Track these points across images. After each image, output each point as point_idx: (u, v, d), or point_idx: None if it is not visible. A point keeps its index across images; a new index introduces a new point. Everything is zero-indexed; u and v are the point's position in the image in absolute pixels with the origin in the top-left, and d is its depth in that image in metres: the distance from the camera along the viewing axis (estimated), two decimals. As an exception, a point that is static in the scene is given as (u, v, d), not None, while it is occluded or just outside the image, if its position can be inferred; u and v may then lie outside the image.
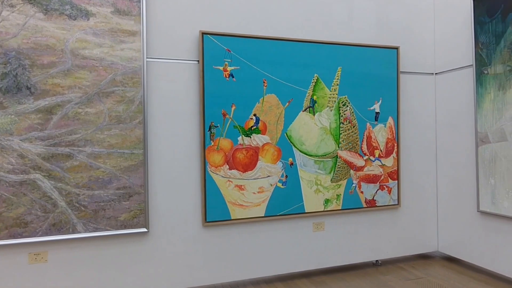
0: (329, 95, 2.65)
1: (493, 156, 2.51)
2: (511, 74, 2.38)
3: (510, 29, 2.37)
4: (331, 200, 2.67)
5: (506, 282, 2.51)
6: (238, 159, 2.45)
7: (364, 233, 2.80)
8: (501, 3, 2.42)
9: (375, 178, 2.78)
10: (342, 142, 2.69)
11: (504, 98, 2.42)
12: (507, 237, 2.47)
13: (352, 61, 2.70)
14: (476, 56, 2.60)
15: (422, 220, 2.99)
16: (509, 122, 2.40)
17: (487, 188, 2.56)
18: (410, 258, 3.03)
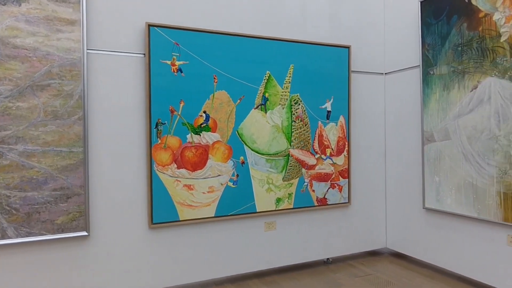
0: (281, 93, 2.62)
1: (438, 155, 2.58)
2: (454, 75, 2.45)
3: (454, 31, 2.45)
4: (283, 199, 2.64)
5: (449, 276, 2.60)
6: (187, 158, 2.36)
7: (316, 232, 2.80)
8: (446, 5, 2.49)
9: (327, 176, 2.79)
10: (294, 141, 2.66)
11: (448, 98, 2.50)
12: (450, 232, 2.56)
13: (305, 59, 2.69)
14: (423, 57, 2.67)
15: (371, 218, 3.05)
16: (453, 121, 2.48)
17: (432, 185, 2.64)
18: (359, 255, 3.08)
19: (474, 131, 2.34)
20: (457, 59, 2.43)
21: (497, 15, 2.19)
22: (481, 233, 2.35)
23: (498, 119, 2.20)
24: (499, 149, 2.20)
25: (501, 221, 2.21)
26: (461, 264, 2.49)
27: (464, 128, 2.40)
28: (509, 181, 2.15)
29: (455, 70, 2.44)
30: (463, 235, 2.47)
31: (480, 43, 2.28)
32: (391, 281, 2.53)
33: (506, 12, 2.14)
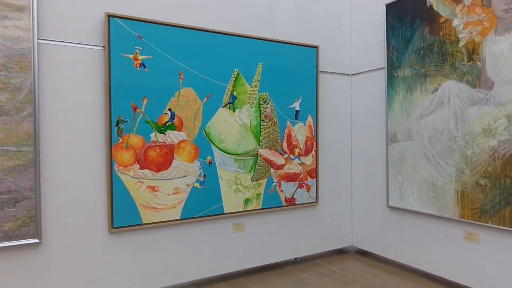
0: (249, 91, 2.56)
1: (401, 155, 2.66)
2: (417, 77, 2.54)
3: (417, 35, 2.53)
4: (251, 200, 2.59)
5: (411, 272, 2.69)
6: (151, 158, 2.23)
7: (284, 232, 2.78)
8: (409, 9, 2.57)
9: (295, 176, 2.78)
10: (262, 140, 2.62)
11: (411, 100, 2.58)
12: (411, 230, 2.65)
13: (273, 57, 2.65)
14: (388, 59, 2.73)
15: (338, 217, 3.08)
16: (415, 122, 2.56)
17: (395, 184, 2.71)
18: (327, 254, 3.11)
19: (435, 132, 2.43)
20: (420, 62, 2.51)
21: (456, 21, 2.29)
22: (440, 230, 2.45)
23: (456, 120, 2.30)
24: (457, 150, 2.30)
25: (458, 218, 2.31)
26: (422, 260, 2.58)
27: (425, 129, 2.49)
28: (466, 180, 2.26)
29: (418, 72, 2.53)
30: (424, 232, 2.56)
31: (441, 47, 2.38)
32: (357, 279, 2.56)
33: (464, 18, 2.25)
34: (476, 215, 2.22)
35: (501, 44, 2.07)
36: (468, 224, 2.29)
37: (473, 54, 2.20)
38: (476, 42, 2.19)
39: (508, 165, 2.06)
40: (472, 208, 2.24)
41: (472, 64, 2.21)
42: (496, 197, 2.12)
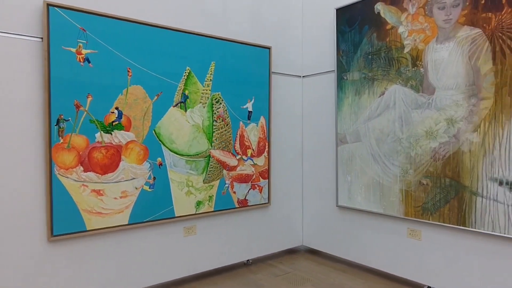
0: (202, 91, 2.50)
1: (350, 155, 2.75)
2: (365, 81, 2.63)
3: (365, 40, 2.62)
4: (203, 202, 2.53)
5: (360, 269, 2.79)
6: (96, 160, 2.09)
7: (236, 234, 2.75)
8: (358, 15, 2.66)
9: (247, 177, 2.76)
10: (215, 141, 2.57)
11: (360, 103, 2.68)
12: (360, 228, 2.75)
13: (226, 57, 2.61)
14: (338, 62, 2.81)
15: (289, 217, 3.12)
16: (363, 124, 2.66)
17: (344, 184, 2.80)
18: (279, 254, 3.13)
19: (381, 134, 2.54)
20: (368, 66, 2.61)
21: (402, 29, 2.41)
22: (386, 227, 2.57)
23: (401, 123, 2.42)
24: (402, 151, 2.43)
25: (402, 216, 2.44)
26: (370, 257, 2.69)
27: (373, 131, 2.59)
28: (410, 180, 2.39)
29: (366, 76, 2.63)
30: (371, 230, 2.67)
31: (387, 53, 2.49)
32: (308, 278, 2.61)
33: (409, 26, 2.37)
34: (419, 212, 2.35)
35: (441, 52, 2.21)
36: (411, 221, 2.42)
37: (417, 60, 2.33)
38: (419, 49, 2.32)
39: (447, 165, 2.21)
40: (415, 206, 2.37)
41: (415, 70, 2.34)
42: (436, 196, 2.26)
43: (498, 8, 1.97)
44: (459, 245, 2.19)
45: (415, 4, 2.33)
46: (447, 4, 2.17)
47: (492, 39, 2.00)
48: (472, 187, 2.10)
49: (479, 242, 2.11)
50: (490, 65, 2.01)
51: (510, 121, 1.94)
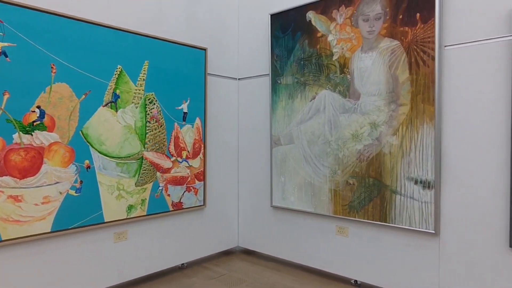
0: (134, 90, 2.41)
1: (284, 157, 2.85)
2: (298, 86, 2.74)
3: (298, 46, 2.74)
4: (135, 206, 2.43)
5: (293, 267, 2.89)
6: (13, 163, 1.91)
7: (171, 238, 2.69)
8: (291, 22, 2.77)
9: (182, 180, 2.72)
10: (148, 143, 2.49)
11: (293, 106, 2.78)
12: (293, 227, 2.85)
13: (161, 56, 2.55)
14: (272, 66, 2.89)
15: (225, 219, 3.13)
16: (296, 127, 2.76)
17: (278, 185, 2.89)
18: (214, 256, 3.12)
19: (313, 136, 2.67)
20: (300, 71, 2.72)
21: (331, 37, 2.56)
22: (317, 226, 2.70)
23: (330, 126, 2.57)
24: (331, 153, 2.57)
25: (331, 214, 2.58)
26: (302, 255, 2.80)
27: (305, 134, 2.71)
28: (338, 180, 2.54)
29: (298, 81, 2.74)
30: (304, 228, 2.78)
31: (318, 59, 2.62)
32: (243, 278, 2.64)
33: (337, 35, 2.52)
34: (346, 211, 2.51)
35: (366, 61, 2.39)
36: (339, 219, 2.57)
37: (344, 67, 2.49)
38: (346, 57, 2.48)
39: (371, 166, 2.38)
40: (343, 204, 2.52)
41: (343, 76, 2.49)
42: (362, 194, 2.43)
43: (413, 23, 2.18)
44: (381, 240, 2.38)
45: (342, 14, 2.49)
46: (371, 16, 2.35)
47: (409, 51, 2.20)
48: (392, 186, 2.29)
49: (398, 236, 2.31)
50: (407, 75, 2.21)
51: (423, 125, 2.16)
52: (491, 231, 1.98)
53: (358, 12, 2.41)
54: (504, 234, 1.94)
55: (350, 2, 2.44)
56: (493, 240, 1.97)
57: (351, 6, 2.44)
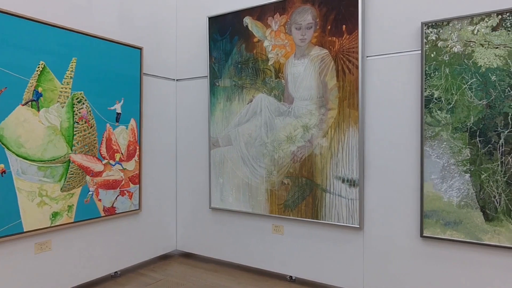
0: (60, 89, 2.25)
1: (222, 159, 2.86)
2: (235, 88, 2.79)
3: (235, 50, 2.78)
4: (61, 213, 2.27)
5: (232, 267, 2.91)
6: None
7: (103, 245, 2.56)
8: (229, 26, 2.80)
9: (115, 183, 2.60)
10: (76, 145, 2.34)
11: (231, 109, 2.81)
12: (231, 228, 2.88)
13: (91, 53, 2.42)
14: (210, 69, 2.90)
15: (162, 222, 3.06)
16: (234, 129, 2.80)
17: (217, 186, 2.90)
18: (151, 261, 3.03)
19: (250, 138, 2.72)
20: (238, 75, 2.77)
21: (267, 43, 2.64)
22: (255, 225, 2.76)
23: (267, 129, 2.65)
24: (267, 154, 2.65)
25: (268, 214, 2.66)
26: (240, 255, 2.84)
27: (242, 135, 2.76)
28: (274, 180, 2.62)
29: (236, 84, 2.78)
30: (241, 228, 2.82)
31: (255, 64, 2.69)
32: (180, 282, 2.60)
33: (272, 41, 2.61)
34: (281, 210, 2.60)
35: (298, 67, 2.50)
36: (275, 218, 2.66)
37: (279, 72, 2.58)
38: (281, 62, 2.58)
39: (303, 166, 2.50)
40: (278, 204, 2.61)
41: (278, 81, 2.59)
42: (295, 194, 2.54)
43: (340, 34, 2.35)
44: (313, 236, 2.51)
45: (277, 22, 2.58)
46: (303, 25, 2.48)
47: (336, 59, 2.36)
48: (322, 185, 2.43)
49: (328, 232, 2.45)
50: (334, 81, 2.37)
51: (349, 128, 2.32)
52: (406, 223, 2.20)
53: (291, 20, 2.52)
54: (416, 226, 2.17)
55: (284, 10, 2.55)
56: (408, 231, 2.19)
57: (285, 15, 2.55)
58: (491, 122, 1.96)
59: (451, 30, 2.04)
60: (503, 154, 1.94)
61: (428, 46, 2.10)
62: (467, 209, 2.02)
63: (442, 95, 2.07)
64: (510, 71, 1.91)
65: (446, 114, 2.06)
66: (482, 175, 1.99)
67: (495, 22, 1.94)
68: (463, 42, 2.01)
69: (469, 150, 2.02)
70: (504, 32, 1.92)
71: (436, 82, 2.08)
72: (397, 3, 2.21)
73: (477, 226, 2.00)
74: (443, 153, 2.08)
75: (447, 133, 2.06)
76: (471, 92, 2.00)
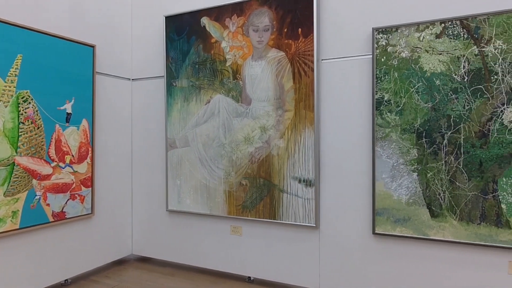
0: (3, 87, 2.11)
1: (179, 160, 2.82)
2: (193, 89, 2.76)
3: (193, 50, 2.75)
4: (4, 219, 2.13)
5: (189, 270, 2.87)
6: None
7: (51, 252, 2.43)
8: (186, 25, 2.77)
9: (65, 187, 2.48)
10: (21, 147, 2.21)
11: (188, 109, 2.78)
12: (189, 230, 2.84)
13: (39, 50, 2.29)
14: (167, 68, 2.85)
15: (117, 226, 2.96)
16: (191, 130, 2.77)
17: (174, 188, 2.85)
18: (105, 267, 2.92)
19: (208, 139, 2.70)
20: (195, 75, 2.74)
21: (224, 44, 2.64)
22: (213, 227, 2.74)
23: (224, 129, 2.64)
24: (225, 155, 2.64)
25: (226, 215, 2.65)
26: (198, 257, 2.81)
27: (200, 136, 2.73)
28: (232, 181, 2.62)
29: (193, 84, 2.75)
30: (199, 230, 2.79)
31: (212, 64, 2.67)
32: (136, 288, 2.53)
33: (230, 42, 2.61)
34: (240, 210, 2.60)
35: (256, 68, 2.52)
36: (234, 219, 2.66)
37: (237, 74, 2.59)
38: (238, 64, 2.58)
39: (261, 167, 2.52)
40: (236, 205, 2.61)
41: (236, 82, 2.59)
42: (253, 194, 2.55)
43: (296, 37, 2.39)
44: (271, 236, 2.53)
45: (234, 23, 2.59)
46: (260, 28, 2.50)
47: (292, 62, 2.40)
48: (280, 185, 2.46)
49: (286, 232, 2.48)
50: (291, 83, 2.41)
51: (305, 129, 2.37)
52: (359, 221, 2.28)
53: (249, 22, 2.54)
54: (368, 223, 2.26)
55: (241, 12, 2.56)
56: (361, 229, 2.28)
57: (243, 16, 2.56)
58: (436, 124, 2.08)
59: (399, 36, 2.14)
60: (447, 154, 2.06)
61: (379, 51, 2.18)
62: (415, 206, 2.13)
63: (392, 98, 2.16)
64: (452, 76, 2.03)
65: (395, 116, 2.16)
66: (428, 173, 2.10)
67: (438, 30, 2.06)
68: (410, 48, 2.12)
69: (416, 150, 2.12)
70: (447, 40, 2.04)
71: (386, 86, 2.17)
72: (350, 8, 2.29)
73: (423, 222, 2.11)
74: (392, 153, 2.18)
75: (396, 134, 2.16)
76: (418, 95, 2.11)
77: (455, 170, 2.03)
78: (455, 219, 2.03)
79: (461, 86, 2.01)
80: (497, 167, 1.95)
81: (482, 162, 1.98)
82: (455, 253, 2.05)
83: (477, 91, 1.98)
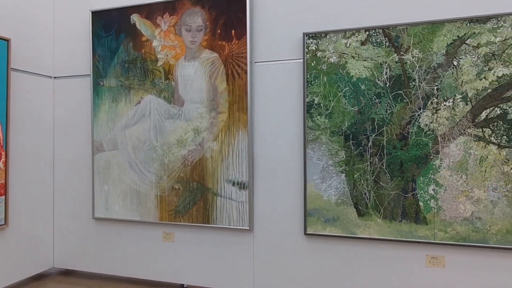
0: None
1: (107, 164, 2.65)
2: (122, 89, 2.61)
3: (122, 48, 2.61)
4: None
5: (118, 281, 2.70)
6: None
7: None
8: (115, 22, 2.62)
9: (-31, 195, 2.20)
10: None
11: (117, 110, 2.63)
12: (117, 238, 2.67)
13: None
14: (94, 67, 2.67)
15: (36, 237, 2.69)
16: (120, 132, 2.62)
17: (101, 194, 2.67)
18: (22, 283, 2.64)
19: (138, 142, 2.58)
20: (124, 74, 2.60)
21: (156, 42, 2.54)
22: (144, 234, 2.61)
23: (156, 132, 2.54)
24: (156, 158, 2.53)
25: (158, 221, 2.54)
26: (128, 267, 2.65)
27: (130, 139, 2.60)
28: (164, 185, 2.52)
29: (123, 84, 2.61)
30: (129, 238, 2.64)
31: (143, 64, 2.56)
32: (55, 304, 2.32)
33: (162, 41, 2.52)
34: (172, 216, 2.51)
35: (189, 69, 2.46)
36: (166, 225, 2.55)
37: (169, 74, 2.50)
38: (171, 64, 2.50)
39: (195, 170, 2.45)
40: (169, 210, 2.51)
41: (168, 82, 2.50)
42: (186, 199, 2.47)
43: (229, 38, 2.37)
44: (205, 241, 2.47)
45: (167, 22, 2.50)
46: (193, 28, 2.45)
47: (226, 63, 2.38)
48: (213, 188, 2.41)
49: (220, 236, 2.44)
50: (224, 85, 2.38)
51: (239, 132, 2.36)
52: (292, 222, 2.31)
53: (182, 21, 2.47)
54: (300, 224, 2.29)
55: (174, 11, 2.48)
56: (294, 230, 2.31)
57: (175, 15, 2.48)
58: (362, 126, 2.17)
59: (328, 42, 2.21)
60: (371, 156, 2.16)
61: (309, 56, 2.24)
62: (343, 206, 2.21)
63: (321, 101, 2.23)
64: (376, 82, 2.14)
65: (325, 119, 2.23)
66: (355, 174, 2.19)
67: (363, 37, 2.16)
68: (338, 54, 2.20)
69: (344, 152, 2.21)
70: (371, 47, 2.15)
71: (316, 89, 2.23)
72: (283, 13, 2.32)
73: (351, 221, 2.19)
74: (322, 155, 2.24)
75: (326, 137, 2.23)
76: (345, 99, 2.19)
77: (379, 170, 2.14)
78: (380, 217, 2.14)
79: (384, 91, 2.12)
80: (415, 167, 2.09)
81: (402, 162, 2.11)
82: (380, 250, 2.16)
83: (398, 96, 2.11)
